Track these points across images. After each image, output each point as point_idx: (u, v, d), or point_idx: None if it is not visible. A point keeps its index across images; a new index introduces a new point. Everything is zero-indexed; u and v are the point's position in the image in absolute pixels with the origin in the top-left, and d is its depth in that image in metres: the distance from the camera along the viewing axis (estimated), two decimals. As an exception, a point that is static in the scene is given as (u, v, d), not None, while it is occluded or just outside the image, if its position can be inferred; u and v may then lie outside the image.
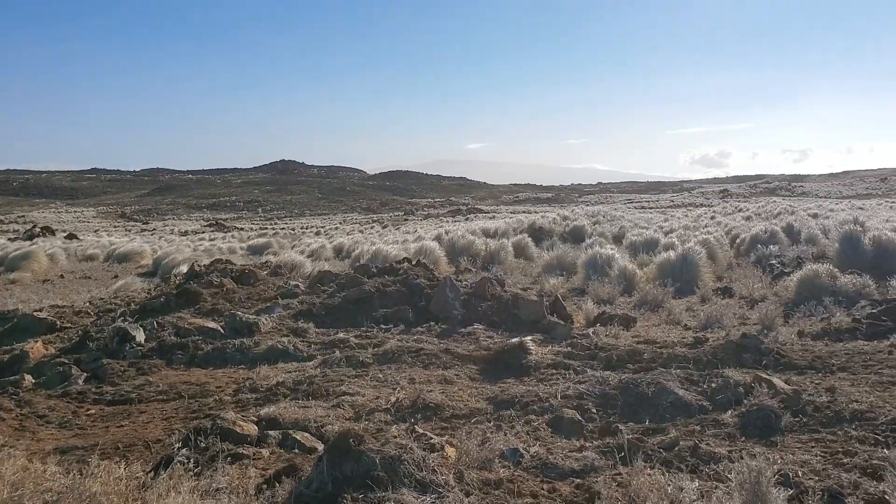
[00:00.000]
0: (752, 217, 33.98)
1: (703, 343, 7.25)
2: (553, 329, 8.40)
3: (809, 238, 17.34)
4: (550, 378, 6.39)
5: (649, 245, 17.54)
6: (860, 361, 6.64)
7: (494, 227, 29.73)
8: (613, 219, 35.56)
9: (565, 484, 3.95)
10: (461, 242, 18.92)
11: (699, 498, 3.46)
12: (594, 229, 26.47)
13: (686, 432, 4.83)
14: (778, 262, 13.95)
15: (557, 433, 4.92)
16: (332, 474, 3.71)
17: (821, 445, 4.56)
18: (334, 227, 64.22)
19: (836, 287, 10.14)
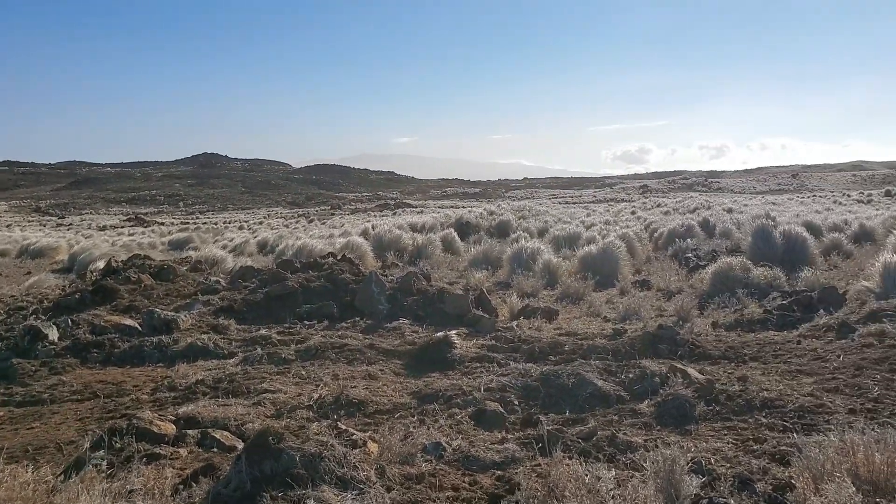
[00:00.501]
0: (670, 212, 34.98)
1: (622, 334, 7.43)
2: (478, 322, 8.47)
3: (724, 232, 17.98)
4: (474, 371, 6.45)
5: (572, 239, 17.87)
6: (771, 351, 6.92)
7: (422, 221, 29.77)
8: (538, 214, 36.07)
9: (486, 476, 3.99)
10: (388, 237, 18.89)
11: (616, 487, 3.54)
12: (520, 224, 26.80)
13: (604, 422, 4.95)
14: (694, 256, 14.41)
15: (480, 426, 4.97)
16: (251, 473, 3.66)
17: (733, 433, 4.73)
18: (258, 221, 63.15)
19: (749, 279, 10.54)
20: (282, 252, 17.80)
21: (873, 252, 12.12)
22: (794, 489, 3.63)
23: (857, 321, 7.60)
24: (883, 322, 7.31)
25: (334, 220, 56.43)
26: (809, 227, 16.35)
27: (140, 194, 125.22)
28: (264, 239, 25.16)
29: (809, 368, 6.21)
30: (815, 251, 13.65)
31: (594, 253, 13.51)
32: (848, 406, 5.18)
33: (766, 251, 12.86)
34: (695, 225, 19.65)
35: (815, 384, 5.72)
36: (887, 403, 5.23)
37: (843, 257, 14.14)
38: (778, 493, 3.66)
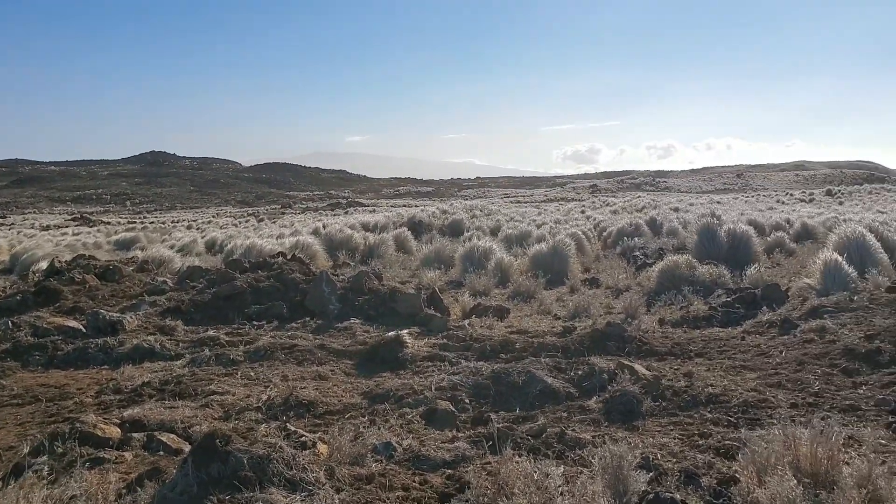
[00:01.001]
0: (618, 211, 35.48)
1: (572, 332, 7.50)
2: (430, 322, 8.47)
3: (671, 231, 18.30)
4: (426, 370, 6.44)
5: (523, 238, 17.99)
6: (716, 347, 7.06)
7: (374, 220, 29.63)
8: (490, 213, 36.23)
9: (437, 475, 3.99)
10: (339, 236, 18.76)
11: (564, 483, 3.58)
12: (472, 223, 26.89)
13: (554, 419, 5.00)
14: (641, 254, 14.64)
15: (431, 425, 4.96)
16: (198, 476, 3.60)
17: (679, 428, 4.82)
18: (207, 220, 62.12)
19: (695, 277, 10.74)
20: (231, 252, 17.53)
21: (815, 250, 12.46)
22: (738, 483, 3.70)
23: (799, 318, 7.79)
24: (823, 318, 7.52)
25: (285, 219, 55.82)
26: (753, 226, 16.75)
27: (86, 193, 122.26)
28: (213, 238, 24.76)
29: (753, 364, 6.36)
30: (758, 249, 14.00)
31: (545, 251, 13.63)
32: (790, 400, 5.31)
33: (712, 249, 13.13)
34: (642, 224, 19.96)
35: (759, 379, 5.86)
36: (827, 397, 5.38)
37: (785, 255, 14.52)
38: (723, 487, 3.73)
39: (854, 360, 6.14)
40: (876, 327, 6.95)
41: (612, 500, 3.37)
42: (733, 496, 3.59)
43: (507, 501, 3.35)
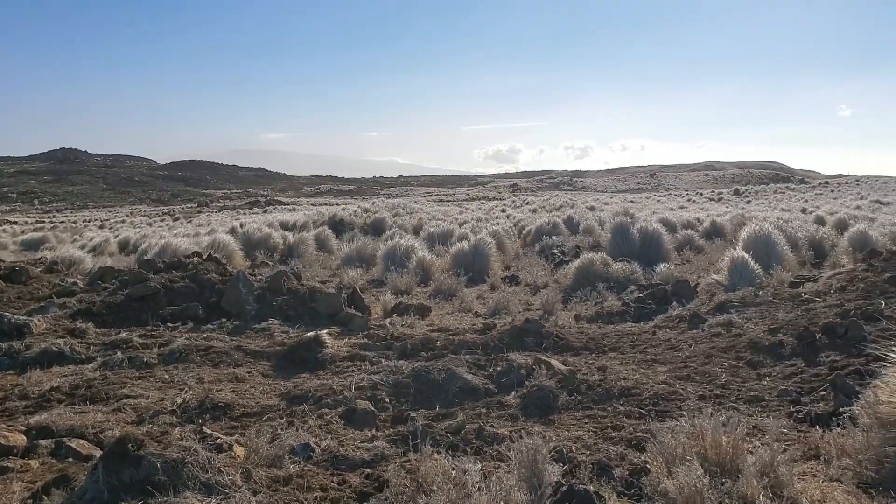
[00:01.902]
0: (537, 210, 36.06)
1: (492, 329, 7.60)
2: (350, 321, 8.43)
3: (587, 229, 18.72)
4: (346, 370, 6.41)
5: (445, 236, 18.09)
6: (628, 342, 7.28)
7: (294, 219, 29.25)
8: (413, 211, 36.27)
9: (356, 475, 3.99)
10: (258, 235, 18.44)
11: (482, 479, 3.63)
12: (394, 221, 26.85)
13: (473, 415, 5.06)
14: (559, 252, 14.93)
15: (351, 425, 4.95)
16: (109, 482, 3.50)
17: (593, 421, 4.95)
18: (121, 220, 60.09)
19: (609, 274, 11.03)
20: (144, 252, 17.01)
21: (723, 247, 12.97)
22: (648, 473, 3.83)
23: (707, 312, 8.10)
24: (730, 313, 7.84)
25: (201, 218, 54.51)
26: (665, 224, 17.31)
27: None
28: (126, 238, 24.00)
29: (664, 357, 6.58)
30: (669, 247, 14.48)
31: (466, 250, 13.74)
32: (698, 392, 5.52)
33: (625, 247, 13.52)
34: (560, 222, 20.35)
35: (669, 372, 6.06)
36: (733, 389, 5.61)
37: (695, 252, 15.07)
38: (634, 478, 3.85)
39: (758, 353, 6.43)
40: (779, 321, 7.28)
41: (528, 493, 3.44)
42: (644, 486, 3.71)
43: (426, 499, 3.38)
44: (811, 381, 5.66)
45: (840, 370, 5.63)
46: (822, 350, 6.31)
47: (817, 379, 5.65)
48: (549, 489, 3.46)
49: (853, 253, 12.19)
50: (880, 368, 4.61)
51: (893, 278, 7.96)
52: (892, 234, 14.45)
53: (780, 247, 11.63)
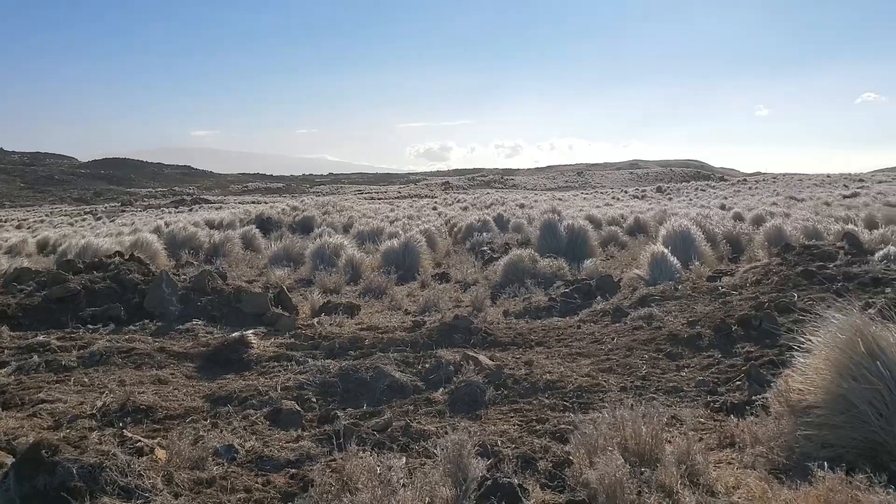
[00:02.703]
0: (469, 207, 36.30)
1: (421, 326, 7.62)
2: (277, 321, 8.33)
3: (516, 226, 18.96)
4: (272, 371, 6.34)
5: (376, 234, 18.04)
6: (554, 336, 7.40)
7: (221, 217, 28.68)
8: (343, 209, 36.03)
9: (280, 475, 3.95)
10: (183, 235, 18.02)
11: (407, 475, 3.65)
12: (324, 219, 26.62)
13: (400, 413, 5.07)
14: (489, 249, 15.08)
15: (276, 425, 4.89)
16: (21, 490, 3.38)
17: (519, 415, 5.02)
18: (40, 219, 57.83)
19: (537, 270, 11.20)
20: (65, 252, 16.42)
21: (645, 243, 13.28)
22: (571, 465, 3.91)
23: (630, 306, 8.30)
24: (651, 306, 8.05)
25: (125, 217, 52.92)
26: (591, 221, 17.68)
27: None
28: (45, 238, 23.12)
29: (588, 351, 6.72)
30: (595, 243, 14.80)
31: (396, 247, 13.73)
32: (620, 384, 5.67)
33: (553, 243, 13.75)
34: (491, 220, 20.54)
35: (592, 365, 6.20)
36: (653, 380, 5.78)
37: (619, 248, 15.43)
38: (557, 470, 3.93)
39: (678, 345, 6.63)
40: (697, 314, 7.53)
41: (453, 488, 3.47)
42: (567, 478, 3.79)
43: (351, 497, 3.37)
44: (727, 371, 5.87)
45: (754, 360, 5.86)
46: (737, 341, 6.56)
47: (733, 369, 5.87)
48: (473, 483, 3.49)
49: (768, 247, 12.67)
50: (792, 358, 4.80)
51: (806, 272, 8.31)
52: (805, 229, 15.08)
53: (699, 242, 12.03)
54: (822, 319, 4.52)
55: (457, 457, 3.62)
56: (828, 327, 4.40)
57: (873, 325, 4.23)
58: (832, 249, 9.51)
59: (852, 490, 3.39)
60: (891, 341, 4.10)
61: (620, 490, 3.46)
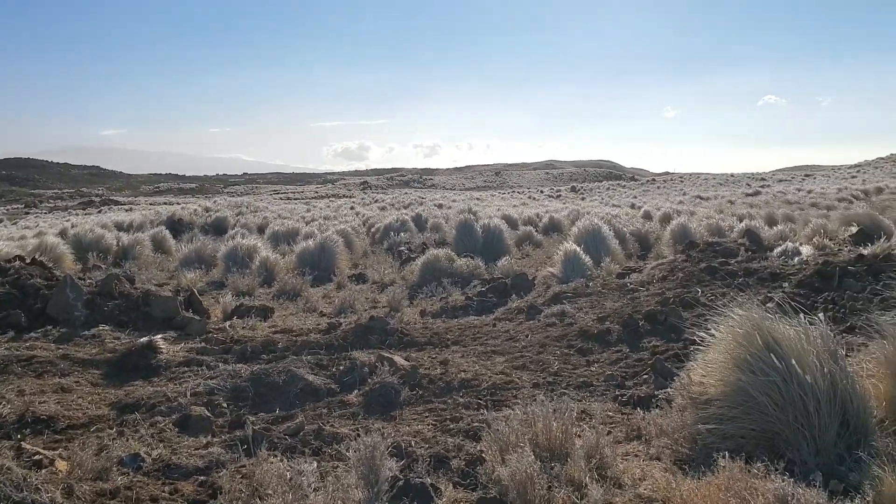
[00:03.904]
0: (387, 207, 36.22)
1: (336, 328, 7.57)
2: (188, 325, 8.12)
3: (434, 226, 19.03)
4: (182, 376, 6.18)
5: (291, 235, 17.80)
6: (470, 335, 7.47)
7: (130, 219, 27.75)
8: (258, 210, 35.42)
9: (189, 483, 3.86)
10: (90, 237, 17.33)
11: (319, 479, 3.62)
12: (238, 220, 26.11)
13: (313, 416, 5.02)
14: (407, 249, 15.09)
15: (185, 432, 4.78)
16: None
17: (433, 414, 5.05)
18: (-68, 222, 54.65)
19: (454, 269, 11.28)
20: (-41, 257, 15.58)
21: (559, 241, 13.53)
22: (484, 462, 3.96)
23: (543, 303, 8.46)
24: (563, 303, 8.23)
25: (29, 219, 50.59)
26: (507, 221, 17.92)
27: None
28: (-61, 243, 21.85)
29: (502, 348, 6.82)
30: (510, 242, 15.02)
31: (312, 248, 13.58)
32: (533, 380, 5.77)
33: (469, 243, 13.88)
34: (409, 220, 20.54)
35: (506, 362, 6.29)
36: (565, 376, 5.91)
37: (534, 247, 15.69)
38: (470, 468, 3.97)
39: (588, 341, 6.80)
40: (607, 310, 7.73)
41: (365, 490, 3.47)
42: (479, 475, 3.84)
43: (261, 503, 3.33)
44: (635, 365, 6.05)
45: (660, 355, 6.07)
46: (644, 336, 6.77)
47: (640, 363, 6.05)
48: (386, 485, 3.50)
49: (674, 245, 13.11)
50: (695, 352, 4.97)
51: (709, 268, 8.64)
52: (709, 226, 15.69)
53: (609, 240, 12.36)
54: (723, 314, 4.71)
55: (369, 459, 3.61)
56: (727, 322, 4.58)
57: (770, 319, 4.43)
58: (734, 246, 9.93)
59: (751, 478, 3.54)
60: (786, 335, 4.30)
61: (531, 485, 3.53)
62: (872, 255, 8.01)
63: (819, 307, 6.66)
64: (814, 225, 13.16)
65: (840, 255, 8.51)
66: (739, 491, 3.44)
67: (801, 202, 30.60)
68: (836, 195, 33.87)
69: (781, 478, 3.46)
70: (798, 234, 12.78)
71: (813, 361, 4.08)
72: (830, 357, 4.18)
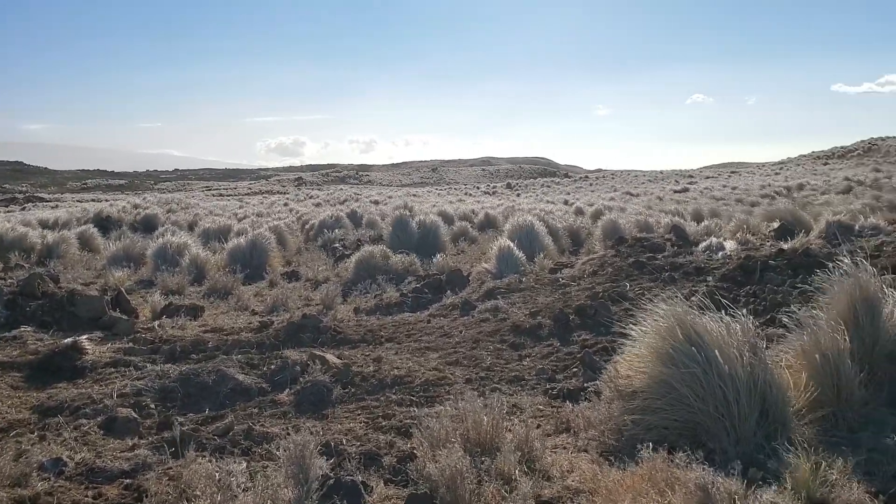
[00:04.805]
0: (322, 204, 35.93)
1: (268, 327, 7.48)
2: (115, 325, 7.93)
3: (370, 222, 18.97)
4: (108, 377, 6.03)
5: (223, 232, 17.50)
6: (404, 331, 7.48)
7: (56, 216, 26.83)
8: (188, 206, 34.71)
9: (113, 487, 3.78)
10: (11, 236, 16.70)
11: (248, 479, 3.59)
12: (168, 218, 25.54)
13: (244, 416, 4.97)
14: (341, 246, 15.01)
15: (111, 435, 4.67)
16: None
17: (365, 412, 5.05)
18: None
19: (389, 266, 11.28)
20: None
21: (494, 237, 13.65)
22: (415, 458, 3.98)
23: (477, 299, 8.54)
24: (497, 299, 8.32)
25: (-56, 217, 48.41)
26: (443, 217, 17.98)
27: None
28: None
29: (436, 345, 6.85)
30: (446, 238, 15.09)
31: (244, 245, 13.37)
32: (466, 376, 5.82)
33: (405, 239, 13.89)
34: (344, 216, 20.42)
35: (440, 359, 6.33)
36: (497, 371, 5.98)
37: (469, 243, 15.80)
38: (401, 464, 4.00)
39: (520, 336, 6.90)
40: (539, 305, 7.85)
41: (295, 489, 3.45)
42: (410, 472, 3.86)
43: (188, 504, 3.29)
44: (565, 359, 6.17)
45: (589, 348, 6.19)
46: (575, 330, 6.90)
47: (570, 357, 6.17)
48: (315, 484, 3.49)
49: (605, 240, 13.36)
50: (622, 345, 5.09)
51: (637, 262, 8.85)
52: (638, 222, 16.05)
53: (543, 236, 12.54)
54: (648, 309, 4.83)
55: (299, 458, 3.60)
56: (651, 316, 4.71)
57: (692, 312, 4.57)
58: (661, 241, 10.19)
59: (673, 468, 3.65)
60: (707, 328, 4.44)
61: (461, 480, 3.56)
62: (792, 249, 8.32)
63: (741, 300, 6.90)
64: (738, 220, 13.60)
65: (762, 250, 8.81)
66: (662, 481, 3.55)
67: (726, 198, 31.58)
68: (760, 191, 35.06)
69: (702, 467, 3.57)
70: (723, 229, 13.17)
71: (733, 353, 4.23)
72: (750, 349, 4.33)
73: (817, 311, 5.05)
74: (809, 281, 5.77)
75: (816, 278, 5.45)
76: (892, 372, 4.84)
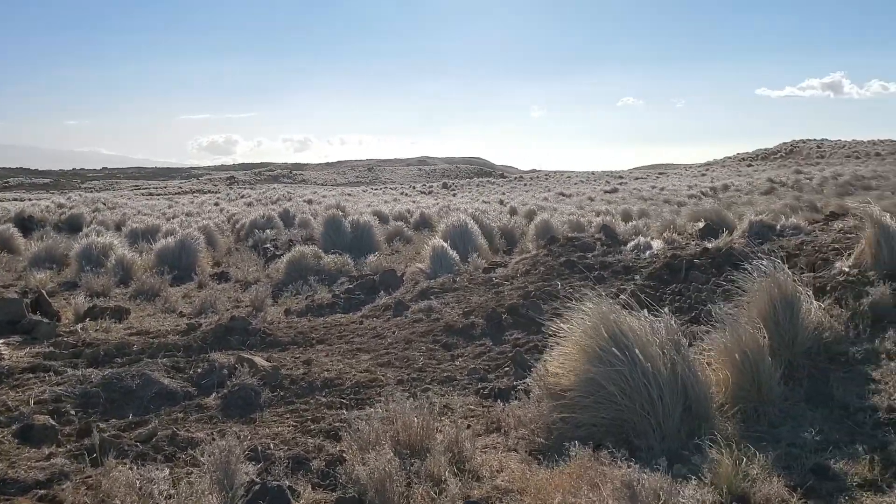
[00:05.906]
0: (253, 203, 35.36)
1: (196, 329, 7.32)
2: (35, 328, 7.63)
3: (302, 222, 18.76)
4: (26, 383, 5.78)
5: (151, 232, 17.04)
6: (336, 333, 7.41)
7: (-28, 216, 25.75)
8: (116, 206, 33.75)
9: (27, 498, 3.62)
10: (-78, 236, 15.98)
11: (171, 486, 3.50)
12: (94, 217, 24.76)
13: (168, 421, 4.84)
14: (273, 246, 14.79)
15: (27, 443, 4.48)
16: None
17: (294, 416, 4.98)
18: None
19: (321, 266, 11.17)
20: None
21: (429, 237, 13.66)
22: (344, 462, 3.94)
23: (411, 299, 8.52)
24: (431, 299, 8.32)
25: None
26: (378, 216, 17.91)
27: None
28: None
29: (368, 346, 6.81)
30: (380, 238, 15.02)
31: (172, 246, 13.05)
32: (397, 377, 5.80)
33: (337, 239, 13.78)
34: (276, 216, 20.14)
35: (372, 360, 6.29)
36: (429, 371, 5.97)
37: (404, 242, 15.76)
38: (330, 468, 3.95)
39: (453, 336, 6.91)
40: (472, 304, 7.88)
41: (220, 495, 3.37)
42: (339, 475, 3.81)
43: (108, 514, 3.19)
44: (497, 358, 6.20)
45: (520, 347, 6.25)
46: (507, 329, 6.95)
47: (502, 356, 6.21)
48: (241, 489, 3.42)
49: (538, 240, 13.50)
50: (551, 344, 5.14)
51: (568, 262, 8.97)
52: (570, 222, 16.30)
53: (477, 236, 12.60)
54: (576, 307, 4.89)
55: (224, 463, 3.52)
56: (578, 314, 4.77)
57: (618, 311, 4.64)
58: (592, 241, 10.36)
59: (600, 465, 3.72)
60: (632, 326, 4.52)
61: (389, 483, 3.55)
62: (716, 248, 8.55)
63: (667, 298, 7.06)
64: (665, 220, 13.92)
65: (687, 249, 9.04)
66: (590, 478, 3.60)
67: (654, 199, 32.31)
68: (687, 192, 35.96)
69: (628, 464, 3.64)
70: (651, 229, 13.47)
71: (656, 351, 4.32)
72: (673, 346, 4.43)
73: (738, 310, 5.21)
74: (732, 279, 5.94)
75: (738, 277, 5.61)
76: (811, 368, 5.02)
